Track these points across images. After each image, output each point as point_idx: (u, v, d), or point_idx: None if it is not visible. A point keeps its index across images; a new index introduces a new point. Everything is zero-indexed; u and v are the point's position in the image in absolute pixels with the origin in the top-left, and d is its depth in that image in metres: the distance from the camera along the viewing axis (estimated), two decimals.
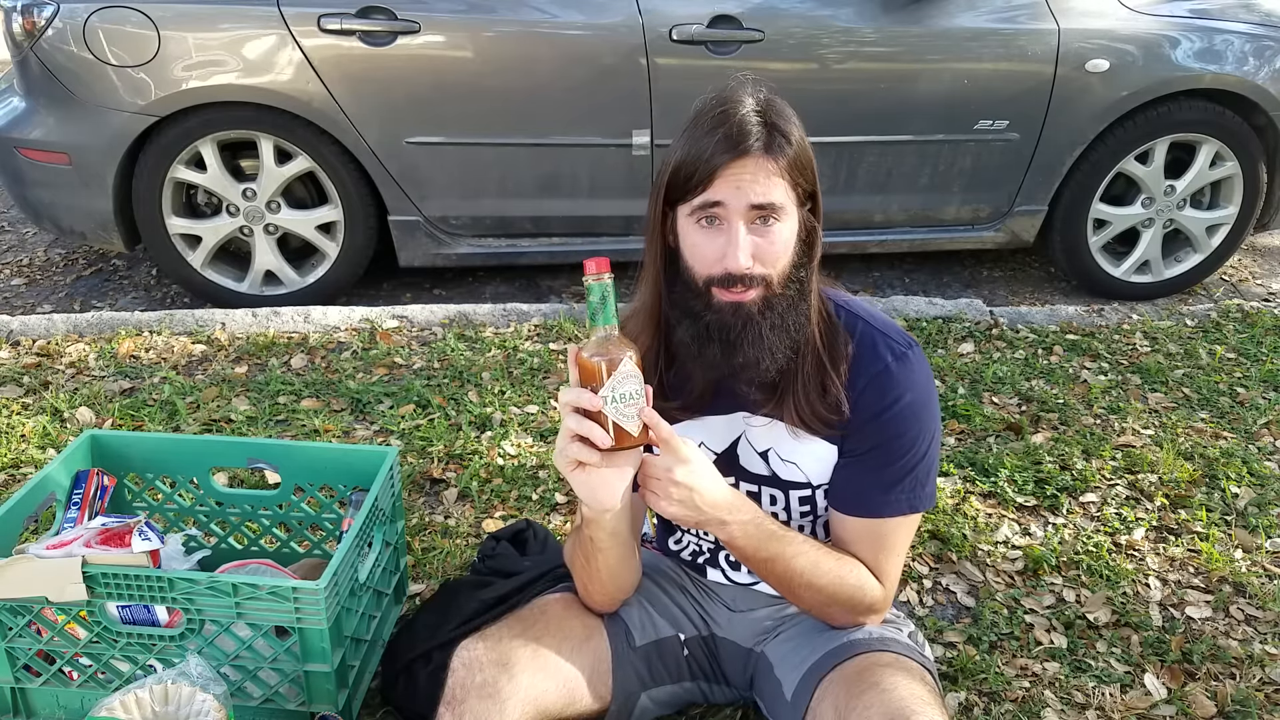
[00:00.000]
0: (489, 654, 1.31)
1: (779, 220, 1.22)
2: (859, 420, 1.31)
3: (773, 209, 1.21)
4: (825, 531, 1.44)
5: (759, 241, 1.22)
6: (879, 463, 1.32)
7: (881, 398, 1.30)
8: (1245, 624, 1.91)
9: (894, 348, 1.32)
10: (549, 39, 3.09)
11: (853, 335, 1.33)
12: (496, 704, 1.26)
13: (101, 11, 2.92)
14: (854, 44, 3.16)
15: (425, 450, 2.39)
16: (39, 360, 2.82)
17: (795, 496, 1.40)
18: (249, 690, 1.54)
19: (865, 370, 1.31)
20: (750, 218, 1.21)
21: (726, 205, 1.21)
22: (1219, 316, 3.25)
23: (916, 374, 1.32)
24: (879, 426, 1.31)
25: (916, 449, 1.32)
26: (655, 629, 1.48)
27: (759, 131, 1.21)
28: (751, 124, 1.21)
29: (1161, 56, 3.22)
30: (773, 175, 1.21)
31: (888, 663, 1.32)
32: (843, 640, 1.38)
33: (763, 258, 1.22)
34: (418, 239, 3.28)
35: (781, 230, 1.23)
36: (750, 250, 1.21)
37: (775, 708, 1.42)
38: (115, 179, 3.07)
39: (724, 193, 1.20)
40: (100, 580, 1.45)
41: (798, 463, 1.37)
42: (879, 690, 1.25)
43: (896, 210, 3.43)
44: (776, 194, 1.21)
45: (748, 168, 1.20)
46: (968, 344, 3.02)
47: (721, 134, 1.20)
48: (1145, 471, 2.37)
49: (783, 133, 1.22)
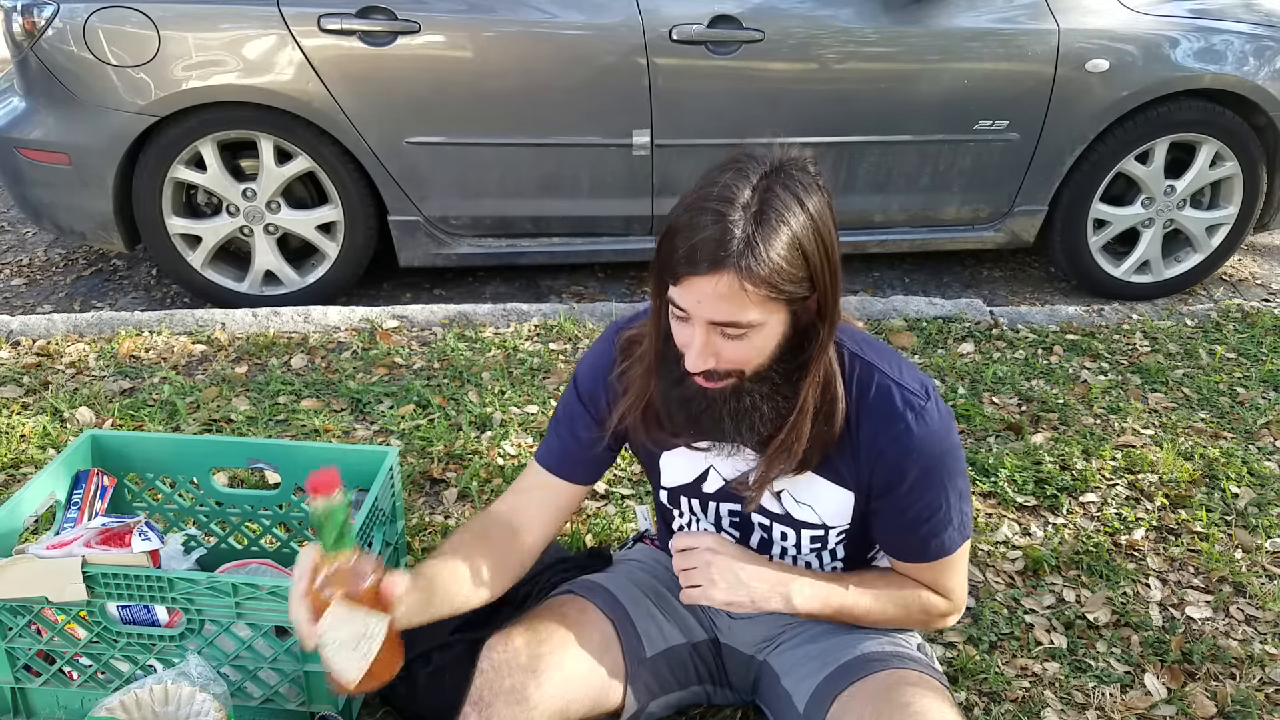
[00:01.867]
0: (517, 658, 1.29)
1: (746, 334, 1.14)
2: (885, 481, 1.29)
3: (734, 325, 1.13)
4: (834, 556, 1.44)
5: (724, 346, 1.16)
6: (914, 520, 1.32)
7: (906, 460, 1.27)
8: (1245, 624, 1.91)
9: (913, 402, 1.26)
10: (549, 39, 3.09)
11: (869, 386, 1.27)
12: (524, 709, 1.26)
13: (101, 11, 2.92)
14: (854, 44, 3.16)
15: (425, 450, 2.39)
16: (39, 360, 2.82)
17: (807, 535, 1.39)
18: (249, 690, 1.54)
19: (883, 430, 1.27)
20: (713, 329, 1.15)
21: (689, 312, 1.14)
22: (1219, 316, 3.25)
23: (937, 427, 1.27)
24: (906, 491, 1.29)
25: (950, 496, 1.31)
26: (665, 638, 1.47)
27: (734, 246, 1.08)
28: (726, 238, 1.08)
29: (1161, 56, 3.22)
30: (738, 294, 1.10)
31: (914, 681, 1.31)
32: (858, 653, 1.37)
33: (730, 360, 1.17)
34: (418, 239, 3.28)
35: (752, 338, 1.15)
36: (711, 354, 1.16)
37: (784, 718, 1.41)
38: (115, 179, 3.07)
39: (687, 301, 1.14)
40: (100, 580, 1.45)
41: (813, 505, 1.37)
42: (910, 712, 1.23)
43: (897, 210, 3.43)
44: (742, 313, 1.12)
45: (709, 285, 1.10)
46: (968, 344, 3.02)
47: (695, 241, 1.10)
48: (1145, 471, 2.37)
49: (761, 246, 1.08)
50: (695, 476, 1.41)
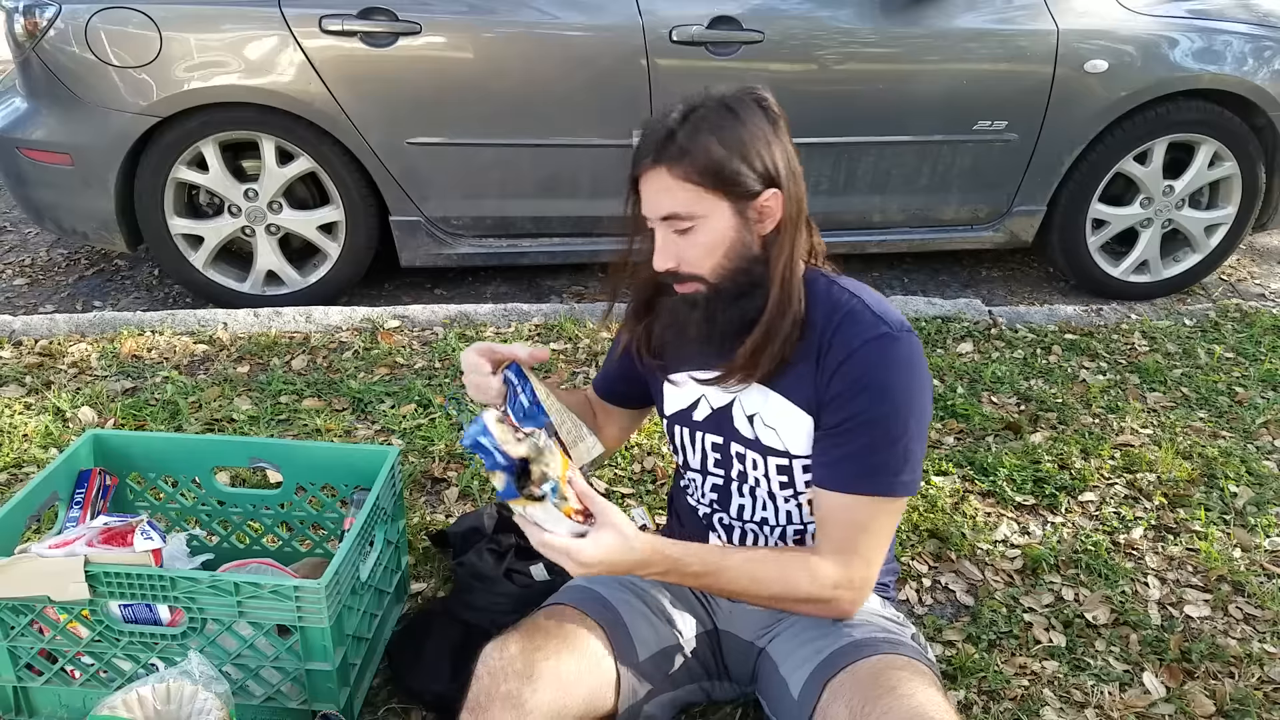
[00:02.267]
0: (513, 664, 1.31)
1: (693, 226, 1.29)
2: (838, 391, 1.32)
3: (677, 218, 1.28)
4: (800, 510, 1.46)
5: (679, 243, 1.30)
6: (855, 438, 1.32)
7: (864, 371, 1.30)
8: (1244, 623, 1.92)
9: (882, 327, 1.31)
10: (550, 40, 3.10)
11: (841, 306, 1.34)
12: (520, 715, 1.27)
13: (103, 12, 2.93)
14: (853, 45, 3.17)
15: (426, 449, 2.40)
16: (41, 360, 2.83)
17: (773, 464, 1.42)
18: (251, 689, 1.55)
19: (849, 341, 1.31)
20: (667, 225, 1.30)
21: (646, 217, 1.31)
22: (1217, 316, 3.26)
23: (903, 355, 1.31)
24: (857, 400, 1.31)
25: (894, 428, 1.31)
26: (658, 639, 1.48)
27: (654, 142, 1.27)
28: (654, 137, 1.27)
29: (1160, 57, 3.22)
30: (672, 187, 1.27)
31: (901, 666, 1.32)
32: (849, 640, 1.38)
33: (684, 260, 1.31)
34: (419, 239, 3.28)
35: (699, 234, 1.29)
36: (671, 255, 1.31)
37: (780, 706, 1.43)
38: (117, 179, 3.07)
39: (645, 205, 1.31)
40: (102, 579, 1.46)
41: (777, 429, 1.39)
42: (897, 695, 1.25)
43: (896, 210, 3.44)
44: (680, 205, 1.27)
45: (651, 180, 1.29)
46: (966, 344, 3.03)
47: (637, 146, 1.29)
48: (1144, 471, 2.37)
49: (681, 139, 1.26)
50: (688, 404, 1.48)
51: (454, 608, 1.78)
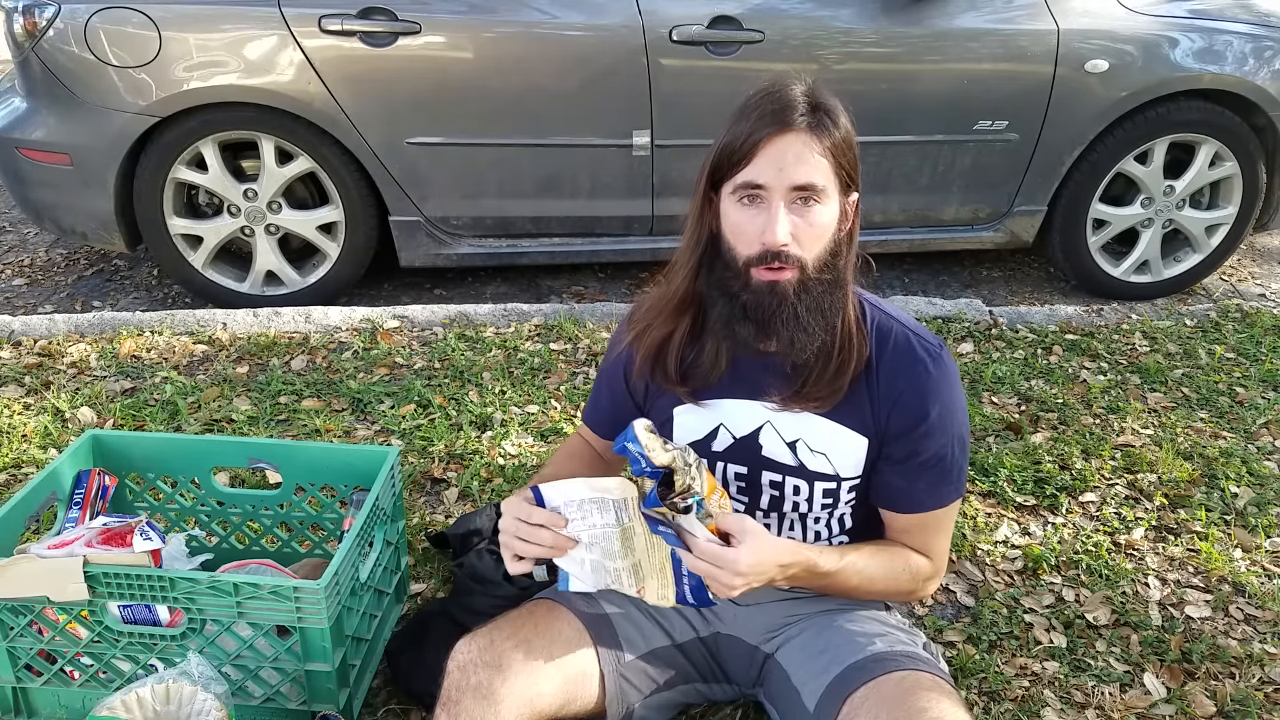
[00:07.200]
0: (482, 655, 1.31)
1: (819, 202, 1.24)
2: (902, 424, 1.34)
3: (813, 190, 1.23)
4: (841, 525, 1.46)
5: (798, 222, 1.24)
6: (922, 465, 1.36)
7: (922, 404, 1.34)
8: (1244, 623, 1.91)
9: (930, 349, 1.35)
10: (549, 40, 3.09)
11: (889, 334, 1.36)
12: (492, 705, 1.27)
13: (103, 12, 2.92)
14: (854, 45, 3.17)
15: (426, 450, 2.40)
16: (40, 360, 2.82)
17: (820, 489, 1.41)
18: (250, 689, 1.54)
19: (903, 372, 1.34)
20: (790, 198, 1.23)
21: (768, 187, 1.23)
22: (1218, 316, 3.26)
23: (950, 376, 1.36)
24: (922, 434, 1.34)
25: (954, 449, 1.37)
26: (646, 640, 1.47)
27: (804, 108, 1.23)
28: (798, 102, 1.24)
29: (1161, 57, 3.22)
30: (815, 154, 1.23)
31: (928, 686, 1.30)
32: (868, 652, 1.37)
33: (800, 238, 1.25)
34: (418, 239, 3.28)
35: (821, 213, 1.25)
36: (789, 228, 1.24)
37: (792, 717, 1.41)
38: (116, 179, 3.07)
39: (766, 174, 1.23)
40: (101, 580, 1.46)
41: (828, 454, 1.39)
42: (928, 719, 1.24)
43: (896, 210, 3.43)
44: (818, 175, 1.23)
45: (791, 144, 1.22)
46: (967, 344, 3.02)
47: (768, 110, 1.23)
48: (1144, 471, 2.37)
49: (828, 112, 1.24)
50: (705, 434, 1.44)
51: (453, 609, 1.77)
